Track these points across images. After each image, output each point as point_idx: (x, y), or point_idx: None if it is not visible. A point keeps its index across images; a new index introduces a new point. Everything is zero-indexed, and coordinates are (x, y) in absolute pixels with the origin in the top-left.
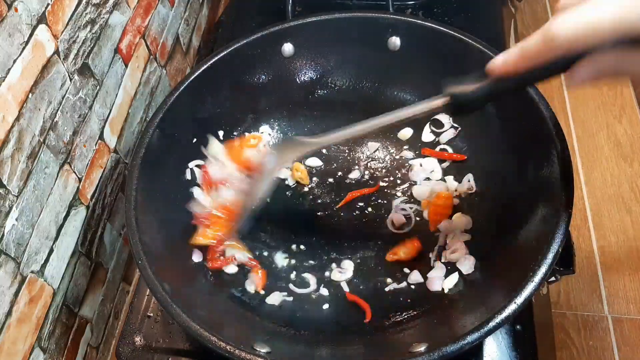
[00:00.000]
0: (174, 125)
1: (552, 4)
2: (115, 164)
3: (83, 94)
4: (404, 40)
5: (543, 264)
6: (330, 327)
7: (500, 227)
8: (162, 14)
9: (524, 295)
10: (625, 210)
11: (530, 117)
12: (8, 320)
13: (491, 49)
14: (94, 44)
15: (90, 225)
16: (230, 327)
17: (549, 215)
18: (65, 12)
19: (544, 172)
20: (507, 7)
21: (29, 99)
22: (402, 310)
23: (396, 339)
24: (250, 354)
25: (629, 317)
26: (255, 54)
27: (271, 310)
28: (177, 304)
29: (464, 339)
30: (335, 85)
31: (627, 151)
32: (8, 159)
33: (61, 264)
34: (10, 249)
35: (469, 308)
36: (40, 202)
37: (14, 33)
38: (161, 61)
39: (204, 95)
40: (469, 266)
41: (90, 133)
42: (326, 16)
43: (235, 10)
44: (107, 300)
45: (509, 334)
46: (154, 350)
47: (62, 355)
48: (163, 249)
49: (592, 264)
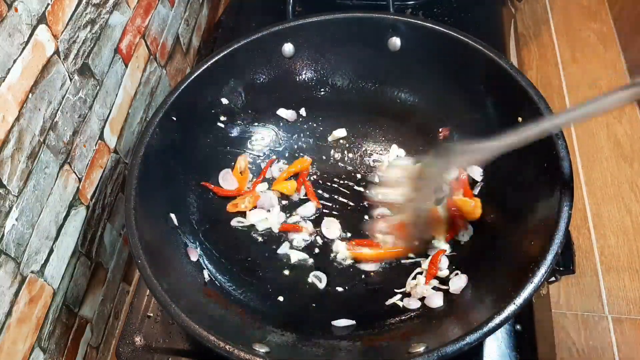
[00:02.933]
0: (174, 125)
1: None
2: (115, 164)
3: (83, 94)
4: (404, 40)
5: (543, 265)
6: (330, 328)
7: (500, 228)
8: (162, 14)
9: (523, 295)
10: (625, 210)
11: (529, 118)
12: (8, 320)
13: (491, 49)
14: (94, 44)
15: (90, 225)
16: (230, 327)
17: (549, 215)
18: (65, 12)
19: (543, 173)
20: (507, 7)
21: (29, 99)
22: (402, 311)
23: (395, 340)
24: (250, 354)
25: (629, 317)
26: (255, 54)
27: (271, 311)
28: (177, 304)
29: (463, 339)
30: (335, 85)
31: (627, 151)
32: (8, 159)
33: (61, 264)
34: (10, 249)
35: (468, 309)
36: (40, 202)
37: (14, 33)
38: (161, 61)
39: (204, 96)
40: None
41: (90, 133)
42: (326, 16)
43: (235, 10)
44: (107, 300)
45: (509, 334)
46: (154, 350)
47: (62, 355)
48: (163, 249)
49: (592, 264)
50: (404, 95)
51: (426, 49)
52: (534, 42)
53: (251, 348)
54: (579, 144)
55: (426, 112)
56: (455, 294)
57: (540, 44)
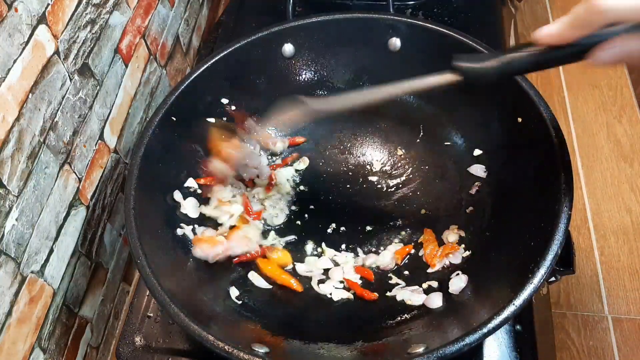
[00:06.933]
0: (174, 125)
1: (552, 4)
2: (115, 164)
3: (83, 94)
4: (404, 41)
5: (542, 265)
6: (329, 328)
7: (500, 228)
8: (162, 14)
9: (523, 295)
10: (625, 210)
11: (529, 118)
12: (8, 321)
13: (491, 49)
14: (94, 44)
15: (90, 226)
16: (230, 328)
17: (549, 215)
18: (65, 12)
19: (543, 173)
20: (507, 7)
21: (29, 99)
22: (401, 312)
23: (395, 340)
24: (249, 354)
25: (629, 317)
26: (255, 54)
27: (271, 311)
28: (177, 304)
29: (462, 340)
30: (335, 85)
31: (627, 151)
32: (8, 159)
33: (61, 264)
34: (10, 249)
35: (468, 309)
36: (41, 202)
37: (14, 33)
38: (161, 61)
39: (204, 96)
40: (463, 282)
41: (90, 133)
42: (327, 17)
43: (235, 10)
44: (107, 301)
45: (509, 334)
46: (154, 350)
47: (62, 355)
48: (163, 249)
49: (592, 264)
50: (404, 96)
51: (426, 50)
52: None
53: (251, 348)
54: (579, 144)
55: (426, 113)
56: (455, 294)
57: None
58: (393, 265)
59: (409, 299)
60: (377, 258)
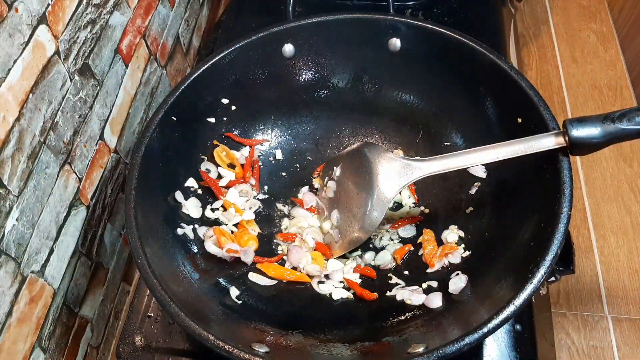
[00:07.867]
0: (174, 125)
1: (552, 4)
2: (116, 164)
3: (83, 94)
4: (404, 41)
5: (542, 265)
6: (329, 328)
7: (500, 228)
8: (163, 15)
9: (523, 295)
10: (625, 210)
11: (529, 118)
12: (8, 320)
13: (491, 50)
14: (94, 44)
15: (90, 226)
16: (230, 327)
17: (549, 215)
18: (65, 12)
19: (543, 173)
20: (507, 7)
21: (30, 99)
22: (401, 312)
23: (394, 340)
24: (249, 354)
25: (629, 317)
26: (255, 55)
27: (271, 311)
28: (177, 304)
29: (462, 340)
30: (335, 86)
31: (627, 151)
32: (8, 159)
33: (61, 264)
34: (10, 249)
35: (467, 309)
36: (41, 202)
37: (15, 33)
38: (161, 61)
39: (204, 96)
40: (463, 282)
41: (90, 133)
42: (327, 17)
43: (235, 10)
44: (108, 300)
45: (509, 334)
46: (154, 350)
47: (62, 355)
48: (163, 249)
49: (592, 263)
50: (404, 96)
51: (426, 50)
52: (534, 42)
53: (251, 348)
54: None
55: (426, 113)
56: (454, 294)
57: (540, 44)
58: (392, 265)
59: (409, 298)
60: (376, 257)
